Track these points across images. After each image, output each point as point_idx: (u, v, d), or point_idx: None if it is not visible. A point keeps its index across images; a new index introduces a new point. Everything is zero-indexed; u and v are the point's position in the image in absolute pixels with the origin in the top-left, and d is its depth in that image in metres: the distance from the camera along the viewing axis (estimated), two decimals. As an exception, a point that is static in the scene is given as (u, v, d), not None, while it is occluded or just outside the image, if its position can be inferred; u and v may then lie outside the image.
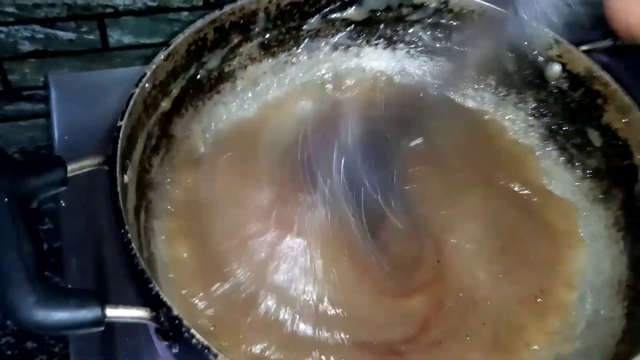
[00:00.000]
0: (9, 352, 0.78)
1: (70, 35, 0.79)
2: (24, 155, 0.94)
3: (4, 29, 0.77)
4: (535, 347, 0.58)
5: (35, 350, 0.81)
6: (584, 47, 0.66)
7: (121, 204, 0.48)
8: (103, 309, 0.43)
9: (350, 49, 0.74)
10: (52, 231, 0.83)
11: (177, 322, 0.43)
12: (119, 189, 0.49)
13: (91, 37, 0.80)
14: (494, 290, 0.60)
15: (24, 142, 0.93)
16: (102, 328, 0.44)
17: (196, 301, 0.56)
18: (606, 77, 0.64)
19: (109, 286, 0.62)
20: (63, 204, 0.66)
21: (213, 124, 0.67)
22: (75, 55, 0.82)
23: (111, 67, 0.83)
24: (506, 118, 0.73)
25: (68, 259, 0.64)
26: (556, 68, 0.67)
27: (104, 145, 0.53)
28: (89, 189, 0.62)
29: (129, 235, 0.46)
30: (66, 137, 0.71)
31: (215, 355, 0.42)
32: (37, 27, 0.77)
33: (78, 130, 0.72)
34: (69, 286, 0.62)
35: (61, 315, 0.42)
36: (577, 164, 0.69)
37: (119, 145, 0.51)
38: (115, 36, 0.81)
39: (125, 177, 0.52)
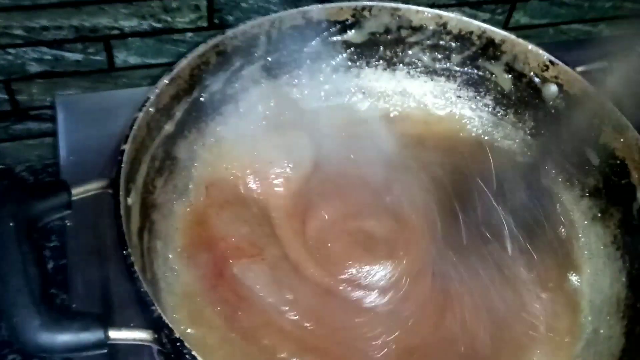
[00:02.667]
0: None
1: (78, 57, 0.81)
2: (31, 174, 0.95)
3: (13, 50, 0.78)
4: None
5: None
6: (580, 68, 0.67)
7: (124, 227, 0.49)
8: (106, 332, 0.44)
9: (351, 70, 0.75)
10: (59, 249, 0.84)
11: (178, 344, 0.44)
12: (122, 212, 0.50)
13: (98, 57, 0.82)
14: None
15: (32, 160, 0.95)
16: (106, 350, 0.45)
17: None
18: (602, 97, 0.64)
19: (113, 305, 0.62)
20: (69, 224, 0.67)
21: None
22: (82, 76, 0.83)
23: (117, 87, 0.85)
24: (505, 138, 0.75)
25: (73, 277, 0.64)
26: (553, 88, 0.68)
27: (109, 167, 0.54)
28: (94, 210, 0.63)
29: (132, 258, 0.47)
30: (72, 158, 0.72)
31: (216, 377, 0.43)
32: (44, 49, 0.79)
33: (84, 151, 0.73)
34: (74, 305, 0.62)
35: (65, 338, 0.43)
36: (575, 183, 0.69)
37: (123, 169, 0.52)
38: (122, 57, 0.82)
39: (129, 200, 0.53)
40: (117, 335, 0.45)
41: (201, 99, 0.65)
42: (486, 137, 0.74)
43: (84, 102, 0.80)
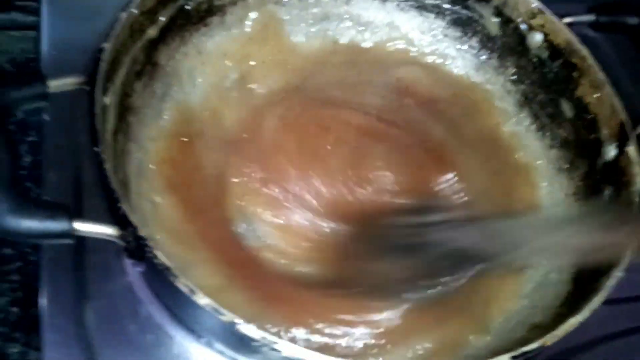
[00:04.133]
0: (-15, 259, 0.80)
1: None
2: (13, 66, 0.94)
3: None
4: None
5: (12, 256, 0.83)
6: (567, 20, 0.67)
7: (99, 125, 0.50)
8: (71, 222, 0.45)
9: (342, -5, 0.74)
10: (37, 144, 0.85)
11: (142, 241, 0.46)
12: (98, 110, 0.51)
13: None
14: None
15: (15, 52, 0.94)
16: (71, 241, 0.46)
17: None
18: (584, 51, 0.65)
19: (84, 203, 0.63)
20: (47, 119, 0.67)
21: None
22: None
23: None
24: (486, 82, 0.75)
25: (47, 172, 0.64)
26: (538, 37, 0.68)
27: (89, 66, 0.54)
28: (73, 107, 0.63)
29: (104, 155, 0.48)
30: (53, 53, 0.71)
31: (176, 277, 0.45)
32: None
33: (67, 47, 0.71)
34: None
35: (31, 224, 0.44)
36: (547, 133, 0.71)
37: (101, 67, 0.52)
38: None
39: (106, 100, 0.54)
40: (83, 227, 0.46)
41: (187, 6, 0.65)
42: (467, 79, 0.75)
43: (72, -2, 0.78)
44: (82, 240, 0.59)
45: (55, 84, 0.52)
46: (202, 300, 0.44)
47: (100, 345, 0.57)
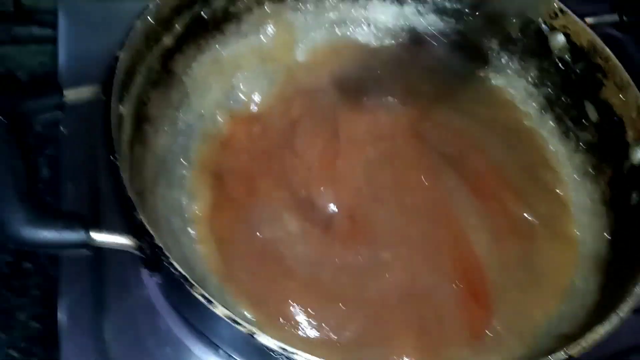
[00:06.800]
0: (7, 271, 0.81)
1: (83, -40, 0.80)
2: (32, 79, 0.95)
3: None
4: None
5: (32, 271, 0.83)
6: (589, 20, 0.66)
7: (115, 134, 0.50)
8: (88, 233, 0.45)
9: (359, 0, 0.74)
10: (55, 158, 0.85)
11: (158, 251, 0.45)
12: (114, 119, 0.50)
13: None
14: None
15: (34, 66, 0.94)
16: (88, 252, 0.45)
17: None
18: (607, 51, 0.64)
19: (103, 215, 0.63)
20: (64, 132, 0.67)
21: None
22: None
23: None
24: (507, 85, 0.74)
25: (65, 184, 0.65)
26: (560, 38, 0.67)
27: (105, 75, 0.54)
28: (89, 118, 0.63)
29: (118, 163, 0.47)
30: (71, 64, 0.72)
31: (192, 286, 0.44)
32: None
33: (83, 58, 0.72)
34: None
35: (47, 235, 0.44)
36: (571, 137, 0.69)
37: (117, 76, 0.52)
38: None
39: (122, 109, 0.54)
40: (99, 237, 0.46)
41: (203, 14, 0.65)
42: (488, 83, 0.74)
43: (88, 8, 0.79)
44: (100, 254, 0.59)
45: (72, 94, 0.51)
46: (219, 310, 0.43)
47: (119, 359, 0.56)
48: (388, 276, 0.59)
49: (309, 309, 0.56)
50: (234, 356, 0.54)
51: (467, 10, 0.73)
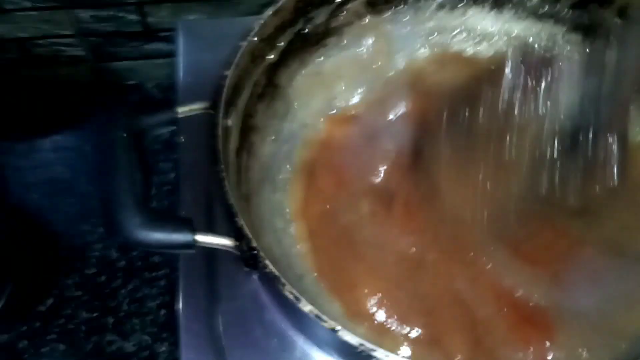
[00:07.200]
0: (139, 264, 0.89)
1: (203, -17, 0.86)
2: (160, 90, 1.04)
3: (145, -25, 0.85)
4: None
5: (160, 264, 0.92)
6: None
7: (220, 145, 0.55)
8: (194, 235, 0.50)
9: (457, 8, 0.74)
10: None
11: (254, 252, 0.50)
12: (220, 132, 0.55)
13: (220, -16, 0.86)
14: None
15: (161, 78, 1.03)
16: (193, 251, 0.51)
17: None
18: None
19: (215, 217, 0.68)
20: (183, 140, 0.74)
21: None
22: (205, 2, 0.89)
23: (237, 14, 0.90)
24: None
25: (183, 189, 0.70)
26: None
27: (214, 92, 0.59)
28: (203, 129, 0.68)
29: (223, 173, 0.53)
30: (189, 79, 0.78)
31: (284, 285, 0.48)
32: (173, -25, 0.85)
33: (200, 73, 0.78)
34: (183, 213, 0.69)
35: (159, 236, 0.50)
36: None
37: (224, 93, 0.57)
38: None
39: (229, 121, 0.59)
40: (203, 239, 0.51)
41: (305, 30, 0.68)
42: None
43: (205, 28, 0.85)
44: (213, 252, 0.64)
45: (183, 110, 0.57)
46: (306, 307, 0.47)
47: (230, 348, 0.61)
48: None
49: (385, 301, 0.58)
50: (327, 349, 0.58)
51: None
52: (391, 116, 0.70)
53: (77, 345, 0.82)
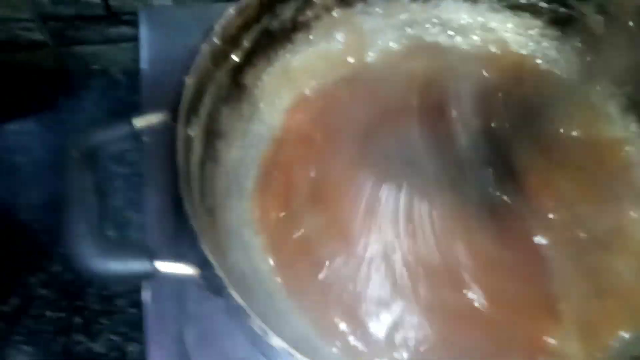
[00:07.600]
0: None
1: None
2: (126, 76, 1.00)
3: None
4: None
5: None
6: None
7: (182, 160, 0.52)
8: (153, 264, 0.48)
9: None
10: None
11: (219, 280, 0.47)
12: (180, 145, 0.52)
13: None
14: None
15: (126, 62, 0.99)
16: (154, 280, 0.48)
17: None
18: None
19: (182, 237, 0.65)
20: (143, 153, 0.68)
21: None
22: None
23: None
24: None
25: (146, 206, 0.66)
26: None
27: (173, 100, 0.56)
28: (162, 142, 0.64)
29: (185, 194, 0.50)
30: (152, 69, 0.74)
31: (248, 317, 0.46)
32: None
33: (164, 62, 0.74)
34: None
35: (116, 267, 0.47)
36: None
37: (183, 101, 0.54)
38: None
39: (190, 132, 0.55)
40: (164, 267, 0.48)
41: (270, 27, 0.65)
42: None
43: (168, 14, 0.81)
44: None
45: (141, 122, 0.54)
46: (274, 341, 0.45)
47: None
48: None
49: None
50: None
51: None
52: (357, 109, 0.67)
53: (44, 347, 0.81)
